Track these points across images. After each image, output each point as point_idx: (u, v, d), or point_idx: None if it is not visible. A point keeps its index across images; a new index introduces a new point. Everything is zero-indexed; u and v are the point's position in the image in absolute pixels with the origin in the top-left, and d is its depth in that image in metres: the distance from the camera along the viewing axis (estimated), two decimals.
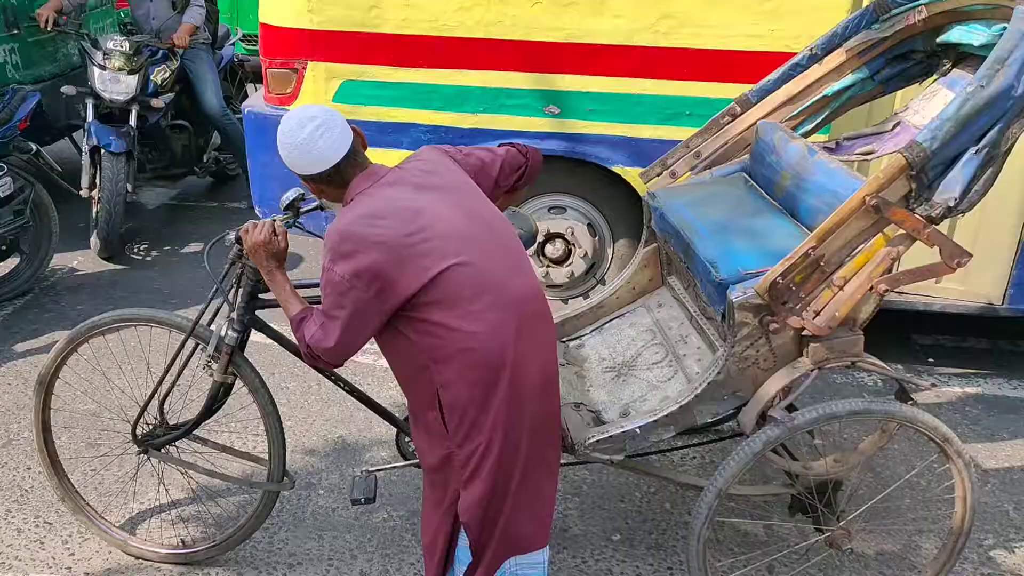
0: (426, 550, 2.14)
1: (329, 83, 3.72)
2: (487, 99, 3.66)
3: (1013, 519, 2.91)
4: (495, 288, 1.91)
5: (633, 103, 3.58)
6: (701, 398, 2.26)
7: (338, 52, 3.67)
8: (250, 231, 2.15)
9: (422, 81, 3.67)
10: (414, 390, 2.02)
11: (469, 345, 1.88)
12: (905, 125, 2.54)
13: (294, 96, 3.78)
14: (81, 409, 3.30)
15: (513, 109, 3.67)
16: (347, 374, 3.53)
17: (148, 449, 2.50)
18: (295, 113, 1.99)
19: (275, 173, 3.91)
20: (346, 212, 1.95)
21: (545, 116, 3.66)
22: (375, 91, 3.72)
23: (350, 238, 1.87)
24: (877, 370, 2.20)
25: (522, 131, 3.67)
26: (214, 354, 2.36)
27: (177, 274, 4.63)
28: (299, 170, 2.01)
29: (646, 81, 3.54)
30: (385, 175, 2.00)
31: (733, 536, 2.78)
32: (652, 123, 3.61)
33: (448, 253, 1.88)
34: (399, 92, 3.71)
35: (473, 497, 1.96)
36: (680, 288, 2.75)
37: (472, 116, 3.69)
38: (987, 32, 2.30)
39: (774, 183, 2.53)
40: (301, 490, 2.94)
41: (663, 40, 3.46)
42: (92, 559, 2.64)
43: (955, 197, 2.00)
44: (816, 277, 2.09)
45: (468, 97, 3.67)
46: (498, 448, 1.93)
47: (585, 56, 3.54)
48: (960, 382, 3.68)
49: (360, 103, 3.73)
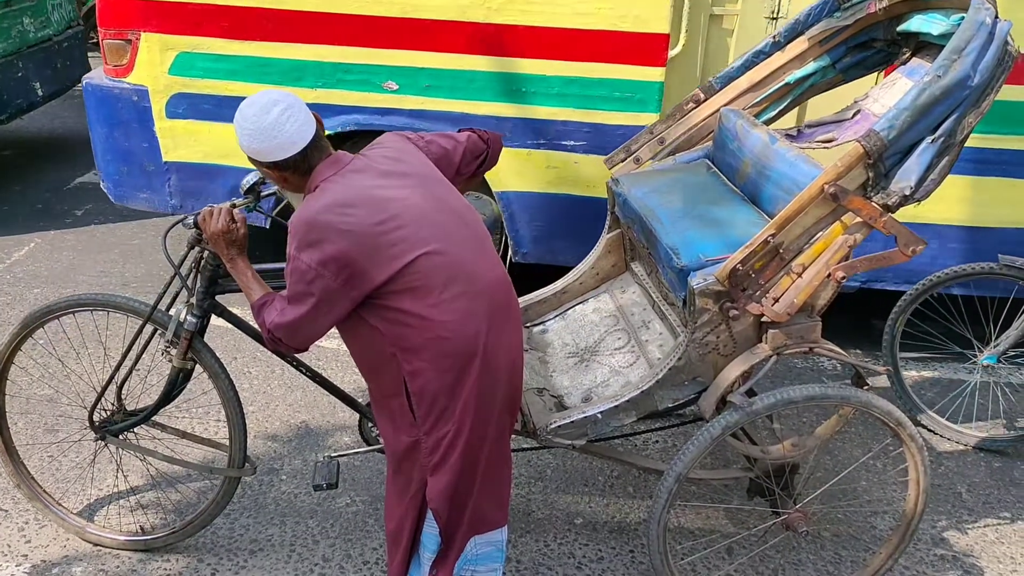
0: (390, 537, 2.13)
1: (164, 55, 3.65)
2: (325, 73, 3.62)
3: (966, 500, 2.98)
4: (466, 276, 1.91)
5: (469, 80, 3.57)
6: (662, 383, 2.28)
7: (171, 23, 3.60)
8: (208, 219, 2.11)
9: (258, 54, 3.62)
10: (378, 378, 2.01)
11: (441, 334, 1.87)
12: (865, 113, 2.57)
13: (130, 68, 3.71)
14: (39, 394, 3.24)
15: (351, 84, 3.63)
16: (310, 359, 3.52)
17: (106, 436, 2.47)
18: (255, 99, 1.94)
19: (117, 146, 3.88)
20: (312, 200, 1.91)
21: (384, 92, 3.62)
22: (211, 64, 3.66)
23: (317, 227, 1.84)
24: (834, 356, 2.23)
25: (362, 106, 3.65)
26: (173, 339, 2.33)
27: (137, 258, 4.55)
28: (263, 157, 1.95)
29: (480, 58, 3.52)
30: (350, 162, 1.97)
31: (693, 519, 2.82)
32: (488, 100, 3.60)
33: (419, 241, 1.86)
34: (235, 65, 3.65)
35: (441, 484, 1.97)
36: (643, 274, 2.76)
37: (311, 91, 3.65)
38: (946, 21, 2.32)
39: (736, 170, 2.55)
40: (263, 476, 2.92)
41: (495, 16, 3.44)
42: (49, 546, 2.60)
43: (911, 186, 2.03)
44: (775, 264, 2.12)
45: (305, 71, 3.62)
46: (467, 434, 1.94)
47: (421, 31, 3.51)
48: (917, 366, 3.75)
49: (196, 76, 3.68)
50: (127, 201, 4.03)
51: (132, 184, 3.97)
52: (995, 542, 2.79)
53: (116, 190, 4.02)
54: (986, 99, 2.05)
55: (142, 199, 4.00)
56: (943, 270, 3.11)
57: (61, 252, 4.56)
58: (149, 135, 3.81)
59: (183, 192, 3.92)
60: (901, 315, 3.18)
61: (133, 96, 3.75)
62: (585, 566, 2.62)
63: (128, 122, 3.82)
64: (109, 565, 2.55)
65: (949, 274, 3.09)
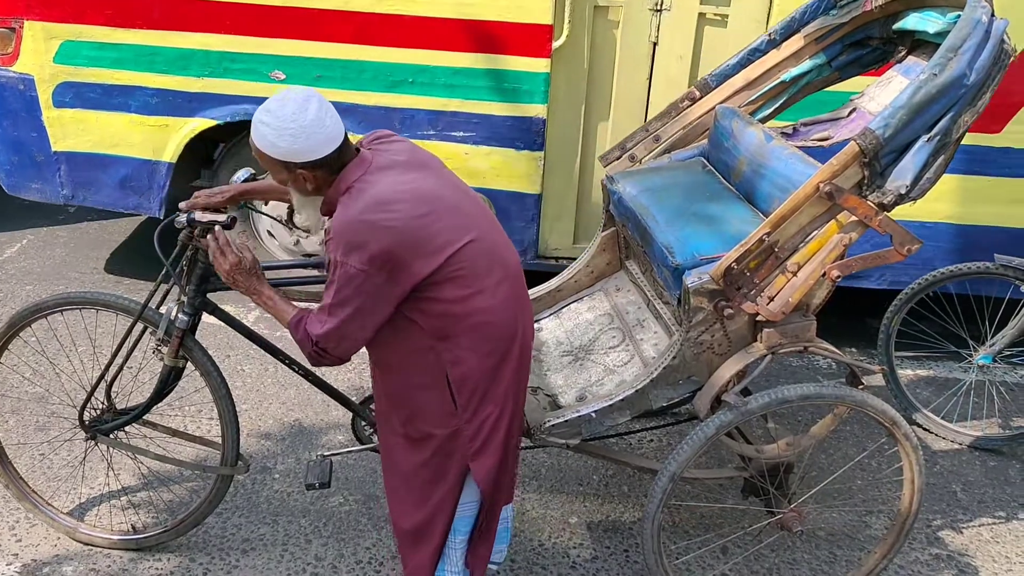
0: (409, 535, 2.11)
1: (48, 43, 3.62)
2: (211, 62, 3.60)
3: (960, 499, 2.98)
4: (502, 260, 1.97)
5: (358, 70, 3.56)
6: (657, 382, 2.27)
7: (54, 11, 3.57)
8: (216, 260, 2.07)
9: (143, 43, 3.60)
10: (406, 373, 2.00)
11: (486, 319, 1.91)
12: (860, 111, 2.56)
13: (15, 57, 3.68)
14: (30, 392, 3.22)
15: (238, 74, 3.62)
16: (304, 358, 3.50)
17: (96, 434, 2.45)
18: (286, 97, 1.87)
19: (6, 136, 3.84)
20: (350, 202, 1.86)
21: (272, 82, 3.60)
22: (96, 52, 3.63)
23: (363, 228, 1.81)
24: (829, 355, 2.23)
25: (251, 96, 3.63)
26: (164, 338, 2.31)
27: (129, 255, 4.53)
28: (303, 156, 1.87)
29: (369, 48, 3.51)
30: (373, 160, 1.94)
31: (688, 518, 2.81)
32: (377, 90, 3.60)
33: (459, 230, 1.89)
34: (121, 54, 3.63)
35: (489, 464, 2.01)
36: (638, 272, 2.75)
37: (198, 80, 3.63)
38: (942, 20, 2.31)
39: (731, 168, 2.54)
40: (256, 474, 2.91)
41: (379, 6, 3.44)
42: (40, 545, 2.58)
43: (907, 184, 2.02)
44: (770, 263, 2.11)
45: (192, 60, 3.60)
46: (509, 414, 2.00)
47: (308, 20, 3.49)
48: (912, 365, 3.75)
49: (82, 64, 3.65)
50: (20, 192, 4.00)
51: (23, 175, 3.93)
52: (990, 541, 2.79)
53: (8, 180, 3.97)
54: (982, 98, 2.05)
55: (34, 190, 3.96)
56: (939, 269, 3.11)
57: (53, 249, 4.54)
58: (37, 124, 3.78)
59: (74, 182, 3.89)
60: (897, 314, 3.18)
61: (19, 85, 3.72)
62: (579, 565, 2.61)
63: (16, 111, 3.78)
64: (100, 564, 2.53)
65: (945, 273, 3.09)
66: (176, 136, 3.75)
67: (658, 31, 3.61)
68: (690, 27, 3.60)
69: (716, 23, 3.61)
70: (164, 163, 3.81)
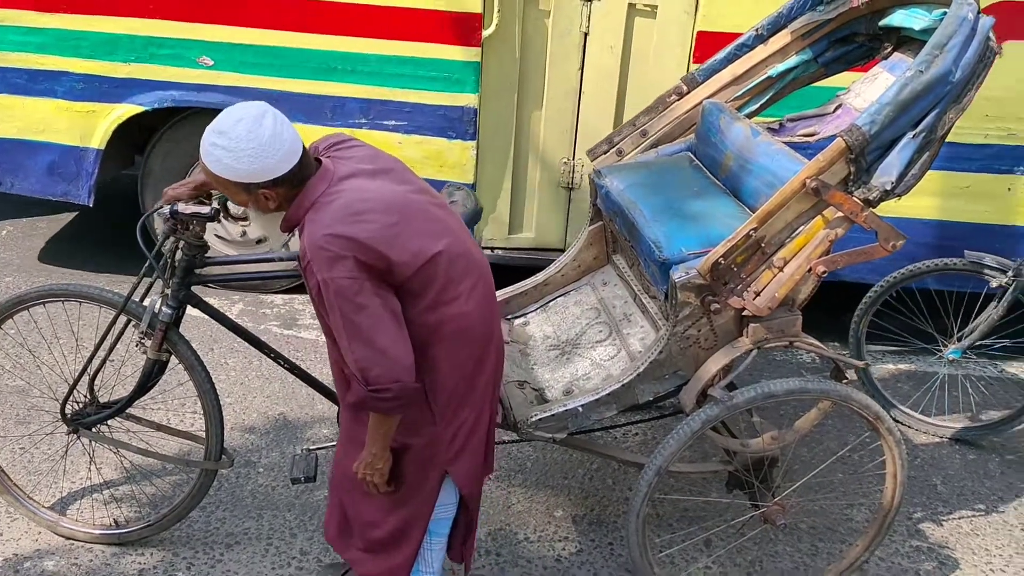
0: (381, 543, 2.05)
1: None
2: (137, 48, 3.58)
3: (940, 492, 3.01)
4: (476, 263, 1.94)
5: (287, 57, 3.54)
6: (643, 377, 2.28)
7: None
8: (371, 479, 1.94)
9: (68, 27, 3.56)
10: None
11: (462, 325, 1.87)
12: (847, 108, 2.57)
13: None
14: (10, 385, 3.18)
15: (165, 59, 3.59)
16: (289, 351, 3.49)
17: (78, 428, 2.43)
18: (235, 114, 1.76)
19: None
20: (317, 218, 1.77)
21: (199, 68, 3.58)
22: (21, 36, 3.60)
23: (338, 240, 1.71)
24: (814, 350, 2.24)
25: (178, 82, 3.62)
26: (147, 331, 2.29)
27: (112, 246, 4.48)
28: (265, 175, 1.76)
29: (297, 34, 3.50)
30: (335, 170, 1.85)
31: (672, 512, 2.83)
32: (306, 78, 3.58)
33: (431, 236, 1.83)
34: (46, 38, 3.59)
35: (467, 467, 2.00)
36: (625, 266, 2.76)
37: (124, 65, 3.60)
38: (928, 17, 2.33)
39: (718, 163, 2.54)
40: (240, 469, 2.89)
41: None
42: (20, 539, 2.56)
43: (892, 181, 2.04)
44: (757, 258, 2.12)
45: (117, 45, 3.58)
46: (488, 415, 2.00)
47: (237, 6, 3.48)
48: (894, 359, 3.78)
49: (6, 49, 3.62)
50: None
51: None
52: (970, 534, 2.82)
53: None
54: (967, 95, 2.06)
55: None
56: (908, 266, 3.12)
57: (34, 239, 4.48)
58: None
59: (1, 169, 3.86)
60: (866, 312, 3.21)
61: None
62: (564, 559, 2.62)
63: None
64: (82, 559, 2.51)
65: (914, 270, 3.11)
66: (104, 122, 3.71)
67: (589, 21, 3.63)
68: (620, 17, 3.63)
69: (646, 13, 3.64)
70: (92, 149, 3.77)
